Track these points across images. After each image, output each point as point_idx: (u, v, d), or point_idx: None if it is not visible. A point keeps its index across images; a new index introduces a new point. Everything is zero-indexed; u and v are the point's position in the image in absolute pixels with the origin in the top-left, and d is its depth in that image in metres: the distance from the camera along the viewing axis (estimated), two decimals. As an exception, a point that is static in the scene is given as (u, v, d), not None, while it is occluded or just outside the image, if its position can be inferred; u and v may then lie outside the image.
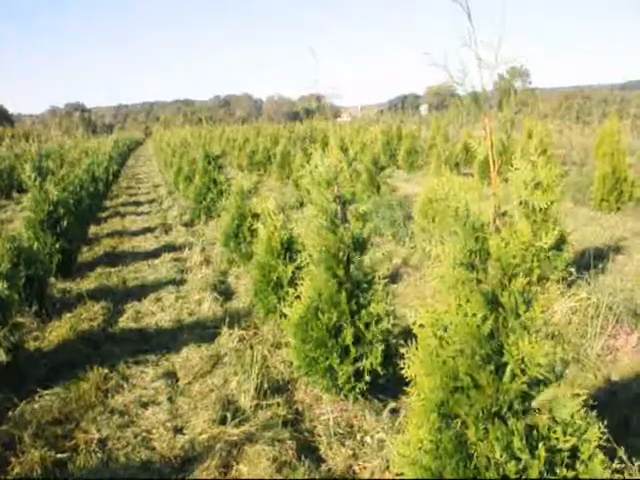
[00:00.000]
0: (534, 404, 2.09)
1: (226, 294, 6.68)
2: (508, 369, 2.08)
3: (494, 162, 2.37)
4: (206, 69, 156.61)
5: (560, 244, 5.49)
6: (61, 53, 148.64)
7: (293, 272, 5.19)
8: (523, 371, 2.07)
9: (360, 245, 3.94)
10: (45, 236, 7.50)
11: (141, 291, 7.07)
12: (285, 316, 4.31)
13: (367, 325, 3.78)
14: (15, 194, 18.33)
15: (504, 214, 2.40)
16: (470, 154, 17.96)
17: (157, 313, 6.25)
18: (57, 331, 5.84)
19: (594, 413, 2.11)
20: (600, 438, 2.03)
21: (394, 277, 6.69)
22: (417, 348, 2.31)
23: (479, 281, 2.24)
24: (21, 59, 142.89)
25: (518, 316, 2.13)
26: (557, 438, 2.02)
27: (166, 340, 5.49)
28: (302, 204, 10.72)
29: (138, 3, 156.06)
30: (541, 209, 4.92)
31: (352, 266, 3.88)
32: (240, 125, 51.84)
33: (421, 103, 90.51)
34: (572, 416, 2.04)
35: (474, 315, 2.13)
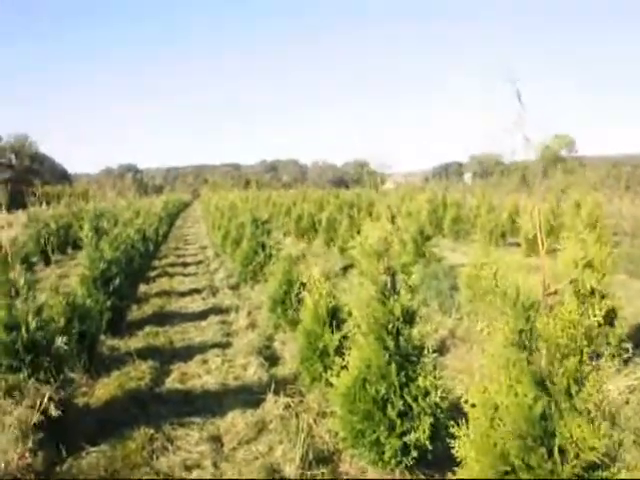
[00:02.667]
0: (589, 490, 2.07)
1: (272, 359, 6.74)
2: (561, 452, 2.07)
3: (543, 243, 2.42)
4: (254, 134, 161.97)
5: (612, 319, 5.38)
6: (117, 118, 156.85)
7: (339, 341, 5.23)
8: (577, 454, 2.04)
9: (409, 317, 3.98)
10: (98, 293, 7.77)
11: (187, 352, 7.20)
12: (331, 385, 4.33)
13: (415, 398, 3.78)
14: (70, 250, 19.09)
15: (554, 293, 2.43)
16: (516, 223, 17.86)
17: (203, 375, 6.34)
18: (105, 388, 6.00)
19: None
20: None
21: (441, 349, 6.63)
22: (467, 427, 2.32)
23: (529, 361, 2.26)
24: (80, 122, 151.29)
25: (570, 397, 2.13)
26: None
27: (211, 403, 5.55)
28: (347, 270, 10.81)
29: (190, 72, 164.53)
30: (592, 286, 4.87)
31: (401, 338, 3.91)
32: (286, 190, 52.92)
33: (465, 171, 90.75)
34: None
35: (525, 396, 2.15)
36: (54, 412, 4.82)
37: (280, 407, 5.16)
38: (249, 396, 5.60)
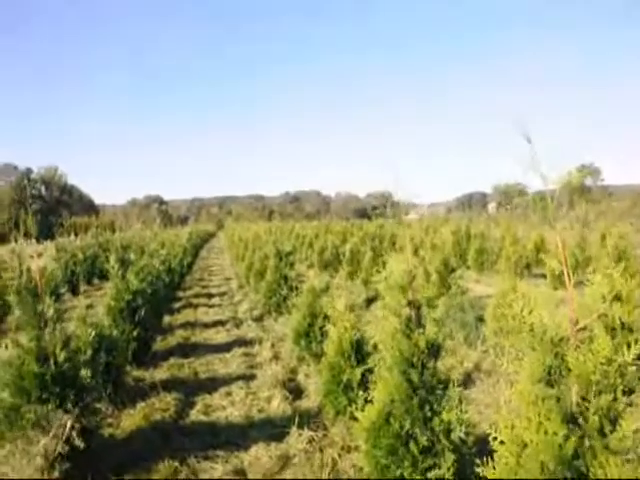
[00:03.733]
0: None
1: (295, 392, 6.70)
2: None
3: (569, 276, 2.41)
4: (277, 166, 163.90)
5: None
6: (143, 150, 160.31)
7: (363, 374, 5.20)
8: (610, 496, 2.00)
9: (435, 350, 3.96)
10: (124, 324, 7.86)
11: (212, 384, 7.21)
12: (355, 419, 4.30)
13: (440, 433, 3.73)
14: (96, 280, 19.38)
15: (583, 328, 2.40)
16: (541, 255, 17.68)
17: (227, 408, 6.33)
18: (131, 419, 6.03)
19: None
20: None
21: (466, 382, 6.55)
22: (494, 465, 2.28)
23: (559, 398, 2.23)
24: (107, 154, 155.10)
25: (603, 436, 2.08)
26: None
27: (235, 436, 5.53)
28: (371, 302, 10.79)
29: (214, 105, 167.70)
30: (621, 320, 4.80)
31: (426, 372, 3.88)
32: (309, 221, 53.19)
33: (489, 201, 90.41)
34: None
35: (555, 434, 2.11)
36: (79, 443, 4.87)
37: (304, 441, 5.13)
38: (273, 429, 5.57)
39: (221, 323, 11.24)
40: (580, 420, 2.14)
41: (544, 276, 15.22)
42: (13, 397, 4.98)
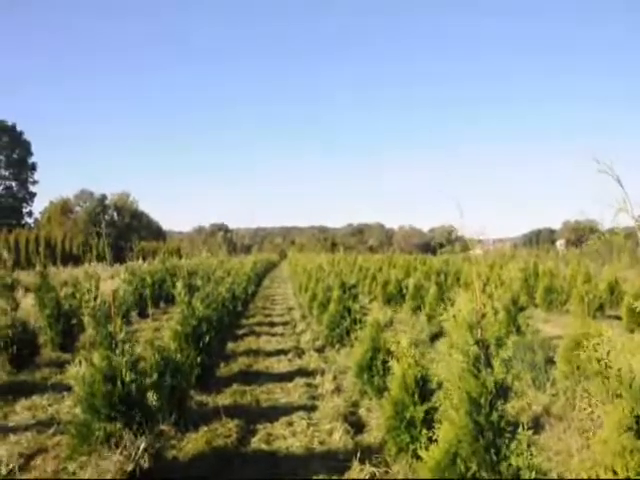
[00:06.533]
0: None
1: (357, 426, 6.64)
2: None
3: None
4: (341, 198, 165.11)
5: None
6: (210, 181, 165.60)
7: (427, 412, 5.11)
8: None
9: (503, 391, 3.86)
10: (189, 349, 8.04)
11: (273, 413, 7.24)
12: (418, 457, 4.22)
13: (508, 478, 3.61)
14: (162, 304, 19.95)
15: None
16: (616, 295, 16.95)
17: (288, 438, 6.34)
18: (193, 443, 6.14)
19: None
20: None
21: (534, 426, 6.29)
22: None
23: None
24: (175, 182, 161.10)
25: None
26: None
27: (296, 467, 5.53)
28: (435, 339, 10.61)
29: (281, 136, 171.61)
30: None
31: (494, 413, 3.78)
32: (372, 253, 53.09)
33: (557, 238, 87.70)
34: None
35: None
36: (146, 463, 5.01)
37: (365, 476, 5.07)
38: (334, 462, 5.53)
39: (283, 352, 11.31)
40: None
41: (618, 318, 14.56)
42: (85, 413, 5.20)
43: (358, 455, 5.39)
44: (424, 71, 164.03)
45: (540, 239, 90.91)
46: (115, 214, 77.18)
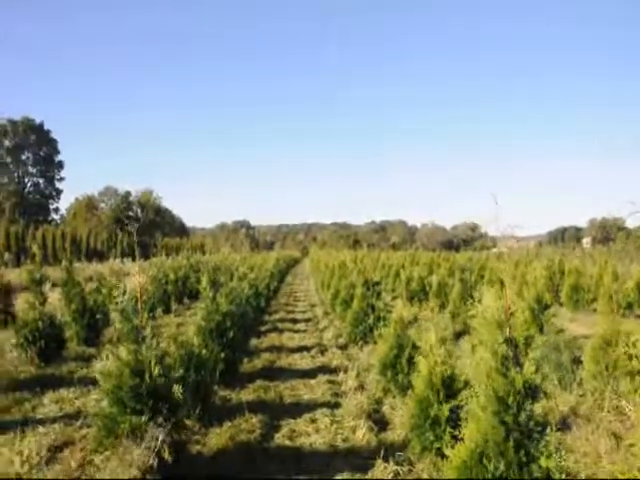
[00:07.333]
0: None
1: (381, 424, 6.60)
2: None
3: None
4: (364, 195, 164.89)
5: None
6: (233, 177, 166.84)
7: (452, 410, 5.06)
8: None
9: (532, 391, 3.79)
10: (213, 344, 8.07)
11: (296, 409, 7.24)
12: (443, 456, 4.18)
13: (536, 480, 3.55)
14: (186, 299, 20.11)
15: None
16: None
17: (311, 434, 6.33)
18: (217, 438, 6.17)
19: None
20: None
21: (561, 427, 6.20)
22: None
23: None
24: (199, 179, 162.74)
25: None
26: None
27: (319, 464, 5.52)
28: (459, 336, 10.51)
29: (300, 135, 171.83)
30: None
31: (523, 413, 3.72)
32: (394, 250, 52.84)
33: (583, 236, 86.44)
34: None
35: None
36: (169, 456, 5.04)
37: (389, 474, 5.04)
38: (357, 460, 5.52)
39: (306, 349, 11.32)
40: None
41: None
42: (111, 406, 5.25)
43: (382, 453, 5.36)
44: (440, 68, 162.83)
45: (565, 237, 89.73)
46: (139, 210, 78.02)
